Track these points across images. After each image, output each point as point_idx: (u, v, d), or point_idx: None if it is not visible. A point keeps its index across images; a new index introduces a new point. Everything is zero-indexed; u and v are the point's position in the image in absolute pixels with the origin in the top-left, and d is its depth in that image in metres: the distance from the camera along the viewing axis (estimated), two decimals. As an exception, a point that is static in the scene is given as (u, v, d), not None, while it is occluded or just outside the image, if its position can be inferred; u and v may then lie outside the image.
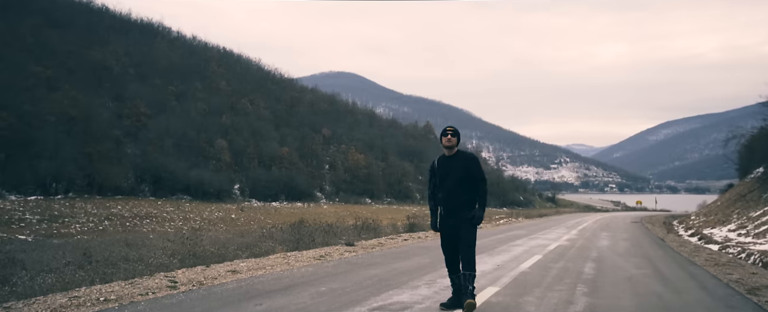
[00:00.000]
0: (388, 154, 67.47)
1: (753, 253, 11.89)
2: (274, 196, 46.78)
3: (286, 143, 56.97)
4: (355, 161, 60.14)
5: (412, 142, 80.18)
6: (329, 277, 6.08)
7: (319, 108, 76.53)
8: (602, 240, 13.20)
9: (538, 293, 5.15)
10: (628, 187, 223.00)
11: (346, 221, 25.74)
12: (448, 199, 4.29)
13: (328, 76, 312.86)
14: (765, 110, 32.92)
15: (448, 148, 4.35)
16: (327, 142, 64.68)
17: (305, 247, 10.93)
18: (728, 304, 4.91)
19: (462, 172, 4.27)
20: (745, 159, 40.63)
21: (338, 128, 70.40)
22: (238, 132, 53.34)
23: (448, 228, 4.34)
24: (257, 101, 64.11)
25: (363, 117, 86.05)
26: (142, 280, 5.79)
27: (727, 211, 26.55)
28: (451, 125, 4.48)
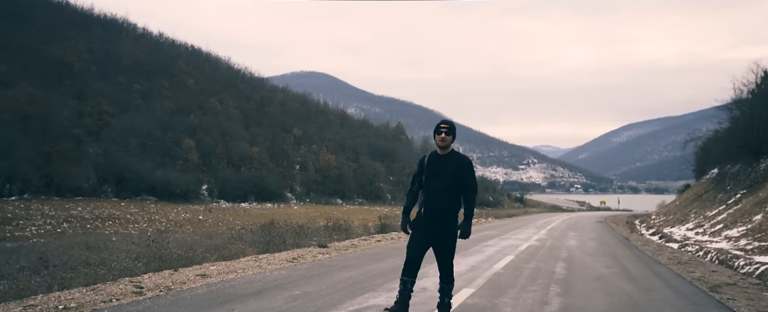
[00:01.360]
0: (360, 155, 67.32)
1: (710, 251, 12.38)
2: (243, 197, 45.97)
3: (256, 143, 56.10)
4: (327, 161, 59.76)
5: (384, 142, 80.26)
6: (303, 280, 5.96)
7: (290, 108, 75.75)
8: (571, 240, 13.48)
9: (512, 294, 5.19)
10: (592, 188, 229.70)
11: (317, 222, 25.52)
12: (433, 202, 3.89)
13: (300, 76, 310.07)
14: (720, 114, 34.43)
15: (442, 147, 3.97)
16: (298, 142, 64.05)
17: (276, 249, 10.73)
18: (693, 301, 5.06)
19: (453, 176, 3.87)
20: (701, 160, 42.42)
21: (309, 128, 69.83)
22: (207, 131, 52.20)
23: (427, 233, 3.94)
24: (226, 100, 62.91)
25: (334, 117, 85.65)
26: (105, 286, 5.53)
27: (685, 211, 27.61)
28: (447, 120, 4.02)
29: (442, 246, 3.95)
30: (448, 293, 4.06)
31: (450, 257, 4.00)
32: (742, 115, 27.81)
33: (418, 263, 3.97)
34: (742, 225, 16.29)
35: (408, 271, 3.98)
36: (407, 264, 3.97)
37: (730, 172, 29.31)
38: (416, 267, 3.97)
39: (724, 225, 17.75)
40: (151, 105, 51.41)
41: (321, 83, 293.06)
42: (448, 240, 3.93)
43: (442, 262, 4.01)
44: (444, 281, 4.07)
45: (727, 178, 28.61)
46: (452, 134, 3.95)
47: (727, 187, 25.59)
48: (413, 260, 3.95)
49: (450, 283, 4.05)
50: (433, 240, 3.94)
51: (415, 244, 3.96)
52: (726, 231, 16.56)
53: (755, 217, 16.32)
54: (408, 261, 3.96)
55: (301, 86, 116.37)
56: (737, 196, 21.79)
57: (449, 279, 4.04)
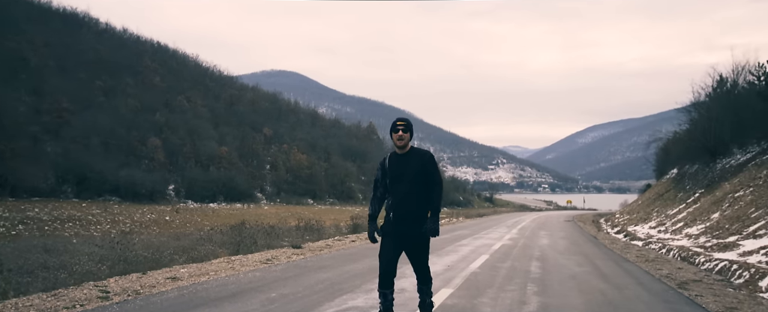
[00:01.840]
0: (331, 155, 66.95)
1: (672, 248, 12.81)
2: (211, 197, 45.00)
3: (225, 142, 55.02)
4: (297, 161, 59.17)
5: (356, 142, 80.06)
6: (279, 282, 5.82)
7: (260, 107, 74.65)
8: (542, 239, 13.71)
9: (491, 294, 5.20)
10: (559, 187, 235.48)
11: (288, 222, 25.22)
12: (401, 204, 3.66)
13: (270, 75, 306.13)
14: (680, 116, 35.82)
15: (400, 147, 3.72)
16: (268, 142, 63.17)
17: (247, 249, 10.51)
18: (664, 298, 5.19)
19: (418, 173, 3.67)
20: (662, 161, 44.08)
21: (280, 128, 68.99)
22: (174, 130, 50.85)
23: (397, 237, 3.70)
24: (194, 98, 61.48)
25: (305, 116, 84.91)
26: (67, 291, 5.24)
27: (648, 210, 28.57)
28: (403, 118, 3.79)
29: (415, 248, 3.75)
30: (428, 292, 3.93)
31: (424, 258, 3.82)
32: (700, 118, 28.99)
33: (393, 273, 3.79)
34: (701, 223, 16.94)
35: (385, 283, 3.77)
36: (383, 276, 3.75)
37: (688, 172, 30.51)
38: (392, 277, 3.78)
39: (685, 223, 18.43)
40: (114, 103, 49.69)
41: (292, 82, 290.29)
42: (420, 241, 3.74)
43: (417, 264, 3.83)
44: (422, 282, 3.91)
45: (686, 177, 29.76)
46: (410, 131, 3.73)
47: (687, 186, 26.62)
48: (388, 272, 3.74)
49: (428, 283, 3.90)
50: (404, 243, 3.73)
51: (387, 254, 3.74)
52: (686, 229, 17.20)
53: (713, 215, 17.01)
54: (383, 273, 3.75)
55: (272, 85, 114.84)
56: (696, 195, 22.68)
57: (426, 279, 3.89)
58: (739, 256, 10.47)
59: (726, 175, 22.01)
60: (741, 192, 17.54)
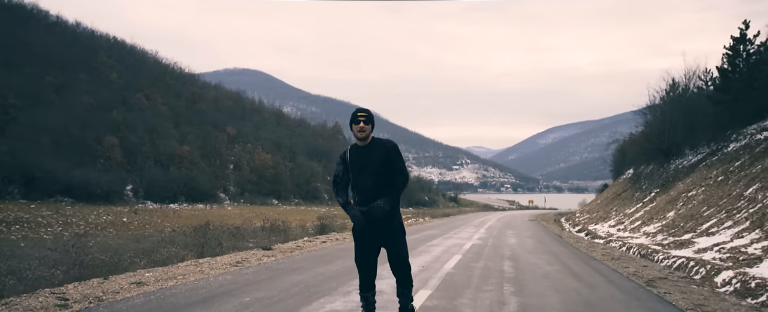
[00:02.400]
0: (296, 154, 66.20)
1: (632, 246, 13.27)
2: (172, 198, 43.63)
3: (187, 141, 53.47)
4: (262, 161, 58.17)
5: (321, 142, 79.47)
6: (251, 285, 5.62)
7: (223, 105, 72.97)
8: (510, 238, 13.91)
9: (470, 294, 5.18)
10: (521, 187, 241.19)
11: (253, 223, 24.72)
12: (367, 200, 3.44)
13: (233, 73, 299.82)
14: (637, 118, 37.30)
15: (361, 139, 3.51)
16: (231, 141, 61.82)
17: (212, 252, 10.19)
18: (636, 297, 5.31)
19: (381, 165, 3.44)
20: (618, 162, 45.80)
21: (244, 127, 67.65)
22: (132, 129, 48.98)
23: (373, 238, 3.51)
24: (154, 96, 59.44)
25: (270, 116, 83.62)
26: (20, 299, 4.87)
27: (607, 209, 29.57)
28: (363, 108, 3.59)
29: (392, 244, 3.51)
30: (408, 296, 3.66)
31: (404, 256, 3.56)
32: (654, 120, 30.28)
33: (374, 275, 3.63)
34: (657, 222, 17.64)
35: (365, 286, 3.62)
36: (363, 279, 3.61)
37: (644, 172, 31.80)
38: (372, 279, 3.62)
39: (642, 222, 19.15)
40: (67, 99, 47.36)
41: (255, 81, 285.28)
42: (397, 239, 3.52)
43: (396, 264, 3.57)
44: (402, 285, 3.63)
45: (642, 177, 31.00)
46: (371, 122, 3.52)
47: (643, 186, 27.71)
48: (368, 276, 3.60)
49: (408, 287, 3.64)
50: (380, 241, 3.53)
51: (364, 257, 3.56)
52: (644, 227, 17.87)
53: (668, 214, 17.74)
54: (363, 278, 3.61)
55: (235, 83, 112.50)
56: (652, 195, 23.62)
57: (407, 282, 3.62)
58: (695, 253, 10.93)
59: (679, 175, 23.03)
60: (694, 191, 18.37)
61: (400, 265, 3.57)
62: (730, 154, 19.71)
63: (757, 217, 11.62)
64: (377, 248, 3.58)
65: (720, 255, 10.07)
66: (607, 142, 46.07)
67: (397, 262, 3.57)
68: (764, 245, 9.64)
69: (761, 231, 10.69)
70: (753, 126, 20.58)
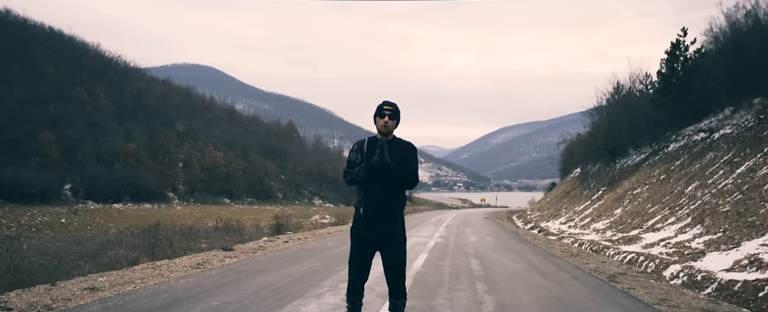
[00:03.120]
0: (249, 153, 64.67)
1: (584, 242, 13.79)
2: (116, 198, 41.48)
3: (133, 138, 50.99)
4: (213, 159, 56.39)
5: (275, 140, 78.03)
6: (217, 288, 5.35)
7: (172, 101, 70.11)
8: (470, 236, 14.11)
9: (445, 294, 5.15)
10: (473, 186, 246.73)
11: (205, 223, 23.89)
12: (374, 199, 3.26)
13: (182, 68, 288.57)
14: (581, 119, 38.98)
15: (383, 134, 3.32)
16: (181, 139, 59.55)
17: (163, 253, 9.73)
18: (603, 293, 5.46)
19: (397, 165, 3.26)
20: (566, 161, 47.73)
21: (194, 124, 65.31)
22: (71, 124, 46.12)
23: (372, 239, 3.30)
24: (96, 90, 56.27)
25: (222, 113, 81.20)
26: (-44, 310, 4.42)
27: (558, 207, 30.69)
28: (390, 102, 3.35)
29: (391, 251, 3.31)
30: (401, 310, 3.41)
31: (402, 264, 3.35)
32: (601, 121, 31.74)
33: (365, 279, 3.39)
34: (606, 218, 18.44)
35: (354, 290, 3.38)
36: (352, 283, 3.37)
37: (591, 171, 33.26)
38: (362, 283, 3.39)
39: (592, 219, 19.97)
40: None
41: (206, 77, 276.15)
42: (397, 243, 3.31)
43: (391, 272, 3.34)
44: (395, 296, 3.38)
45: (589, 176, 32.39)
46: (396, 118, 3.33)
47: (591, 184, 28.94)
48: (359, 279, 3.36)
49: (402, 298, 3.39)
50: (378, 244, 3.31)
51: (358, 258, 3.34)
52: (594, 224, 18.63)
53: (616, 211, 18.59)
54: (353, 279, 3.36)
55: (184, 79, 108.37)
56: (600, 193, 24.71)
57: (401, 293, 3.38)
58: (643, 248, 11.48)
59: (625, 174, 24.22)
60: (639, 189, 19.35)
61: (397, 275, 3.36)
62: (671, 154, 20.92)
63: (697, 213, 12.35)
64: (373, 252, 3.37)
65: (666, 250, 10.61)
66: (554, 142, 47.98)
67: (393, 271, 3.36)
68: (706, 240, 10.25)
69: (702, 226, 11.37)
70: (690, 127, 21.95)
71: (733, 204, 11.20)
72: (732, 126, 17.99)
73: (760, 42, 18.78)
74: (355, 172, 3.30)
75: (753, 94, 18.97)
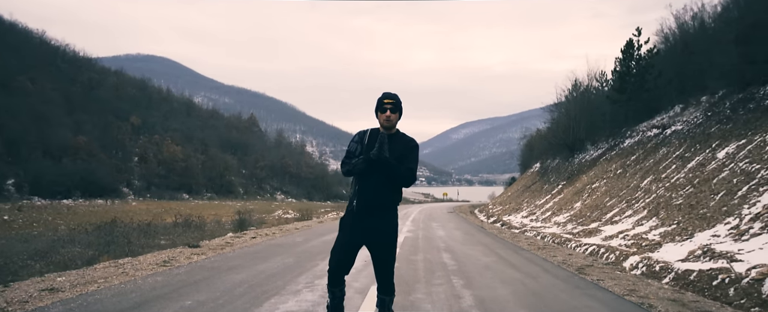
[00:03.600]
0: (209, 147, 62.95)
1: (546, 235, 14.19)
2: (65, 193, 39.47)
3: (83, 131, 48.59)
4: (171, 153, 54.56)
5: (236, 134, 76.31)
6: (188, 287, 5.14)
7: (126, 93, 67.19)
8: (437, 230, 14.24)
9: (423, 289, 5.14)
10: (435, 180, 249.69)
11: (164, 219, 23.10)
12: (369, 193, 3.18)
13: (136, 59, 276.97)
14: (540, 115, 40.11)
15: (386, 128, 3.25)
16: (136, 132, 57.22)
17: (121, 251, 9.34)
18: (576, 285, 5.60)
19: (396, 160, 3.18)
20: (526, 156, 49.01)
21: (150, 117, 62.85)
22: (13, 116, 43.37)
23: (362, 233, 3.23)
24: (41, 80, 53.10)
25: (180, 105, 78.50)
26: None
27: (519, 201, 31.46)
28: (391, 94, 3.27)
29: (380, 247, 3.24)
30: (389, 307, 3.38)
31: (391, 261, 3.30)
32: (560, 117, 32.73)
33: (346, 270, 3.29)
34: (566, 212, 19.03)
35: (334, 280, 3.28)
36: (333, 272, 3.27)
37: (551, 165, 34.26)
38: (343, 275, 3.31)
39: (553, 212, 20.58)
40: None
41: (162, 68, 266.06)
42: (387, 240, 3.25)
43: (381, 268, 3.29)
44: (383, 292, 3.35)
45: (549, 171, 33.36)
46: (399, 111, 3.26)
47: (551, 179, 29.82)
48: (340, 267, 3.25)
49: (390, 294, 3.35)
50: (367, 239, 3.23)
51: (343, 247, 3.26)
52: (555, 217, 19.21)
53: (576, 205, 19.22)
54: (333, 269, 3.26)
55: (139, 70, 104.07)
56: (559, 187, 25.49)
57: (389, 289, 3.34)
58: (603, 241, 11.90)
59: (583, 169, 25.07)
60: (597, 183, 20.07)
61: (386, 271, 3.31)
62: (627, 149, 21.81)
63: (653, 206, 12.92)
64: (359, 245, 3.29)
65: (625, 242, 11.05)
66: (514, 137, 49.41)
67: (382, 267, 3.30)
68: (661, 231, 10.73)
69: (657, 219, 11.90)
70: (644, 123, 22.95)
71: (686, 197, 11.79)
72: (682, 123, 18.92)
73: (706, 43, 19.81)
74: (353, 164, 3.24)
75: (701, 92, 20.02)
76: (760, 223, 8.15)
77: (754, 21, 15.67)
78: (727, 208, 9.39)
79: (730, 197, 9.72)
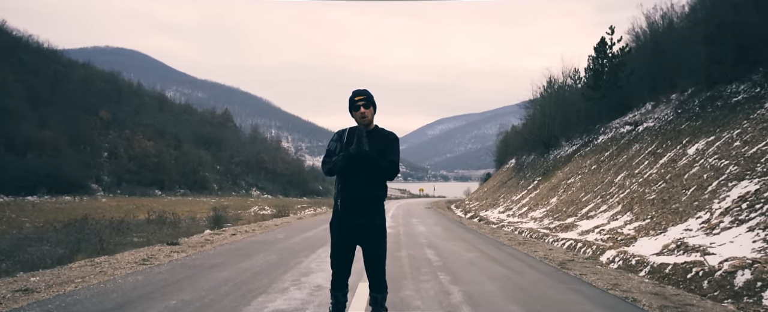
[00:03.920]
0: (182, 142, 61.66)
1: (523, 230, 14.41)
2: (30, 189, 38.12)
3: (49, 126, 46.92)
4: (143, 148, 53.25)
5: (210, 129, 74.98)
6: (171, 285, 5.01)
7: (95, 87, 65.10)
8: (418, 226, 14.29)
9: (411, 286, 5.13)
10: (411, 176, 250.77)
11: (136, 216, 22.56)
12: (354, 190, 3.15)
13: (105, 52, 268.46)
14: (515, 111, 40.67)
15: (364, 125, 3.21)
16: (106, 127, 55.60)
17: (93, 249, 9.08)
18: (559, 280, 5.68)
19: (378, 155, 3.14)
20: (502, 152, 49.67)
21: (120, 111, 61.13)
22: (-26, 109, 41.65)
23: (351, 232, 3.20)
24: (2, 72, 50.95)
25: (151, 100, 76.59)
26: None
27: (495, 196, 31.85)
28: (361, 91, 3.24)
29: (370, 244, 3.22)
30: (382, 304, 3.35)
31: (382, 257, 3.28)
32: (536, 113, 33.26)
33: (347, 273, 3.30)
34: (542, 207, 19.35)
35: (338, 284, 3.30)
36: (336, 277, 3.30)
37: (526, 161, 34.79)
38: (345, 278, 3.30)
39: (529, 207, 20.90)
40: None
41: (132, 62, 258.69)
42: (376, 236, 3.23)
43: (371, 265, 3.26)
44: (375, 289, 3.32)
45: (524, 166, 33.86)
46: (372, 106, 3.23)
47: (527, 174, 30.28)
48: (341, 273, 3.28)
49: (383, 292, 3.32)
50: (358, 237, 3.21)
51: (338, 252, 3.26)
52: (531, 213, 19.51)
53: (552, 200, 19.56)
54: (335, 274, 3.29)
55: (108, 63, 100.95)
56: (535, 182, 25.90)
57: (382, 286, 3.31)
58: (580, 235, 12.15)
59: (558, 165, 25.53)
60: (572, 179, 20.47)
61: (377, 268, 3.27)
62: (600, 146, 22.30)
63: (627, 201, 13.25)
64: (353, 245, 3.28)
65: (601, 236, 11.30)
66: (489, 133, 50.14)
67: (373, 264, 3.27)
68: (636, 226, 11.01)
69: (632, 214, 12.21)
70: (617, 120, 23.50)
71: (658, 192, 12.12)
72: (654, 119, 19.45)
73: (676, 42, 20.40)
74: (333, 162, 3.20)
75: (671, 90, 20.62)
76: (730, 217, 8.44)
77: (720, 22, 16.20)
78: (698, 203, 9.67)
79: (701, 192, 10.02)
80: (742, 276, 5.66)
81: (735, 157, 10.53)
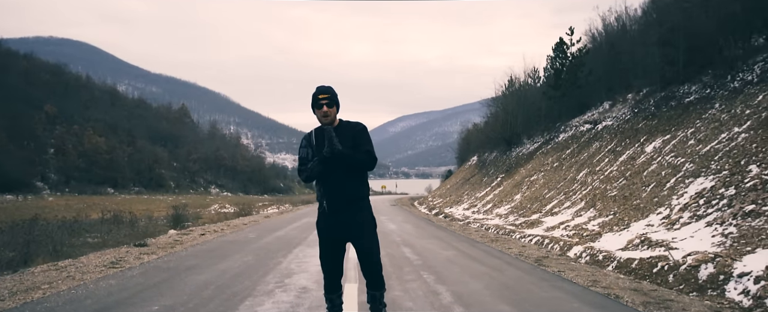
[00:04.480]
0: (136, 138, 59.23)
1: (490, 227, 14.67)
2: (-32, 189, 35.65)
3: (-11, 120, 43.96)
4: (93, 145, 50.77)
5: (166, 125, 72.42)
6: (149, 290, 4.76)
7: (39, 79, 61.48)
8: (388, 224, 14.27)
9: (397, 286, 5.09)
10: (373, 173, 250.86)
11: (88, 215, 21.49)
12: (334, 189, 3.08)
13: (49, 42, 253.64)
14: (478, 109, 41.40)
15: (326, 124, 3.13)
16: (52, 122, 52.59)
17: (45, 252, 8.58)
18: (541, 277, 5.78)
19: (350, 149, 3.08)
20: (463, 149, 50.46)
21: (68, 106, 57.95)
22: None
23: (337, 232, 3.12)
24: (-63, 61, 47.41)
25: (102, 94, 73.08)
26: None
27: (459, 193, 32.30)
28: (325, 88, 3.14)
29: (362, 240, 3.13)
30: (381, 301, 3.26)
31: (375, 253, 3.18)
32: (498, 111, 33.96)
33: (340, 274, 3.23)
34: (507, 204, 19.75)
35: (331, 287, 3.23)
36: (328, 280, 3.23)
37: (489, 159, 35.45)
38: (338, 280, 3.22)
39: (494, 204, 21.29)
40: None
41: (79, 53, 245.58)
42: (368, 231, 3.14)
43: (365, 262, 3.18)
44: (372, 287, 3.22)
45: (487, 164, 34.50)
46: (335, 104, 3.14)
47: (490, 171, 30.85)
48: (333, 275, 3.20)
49: (381, 288, 3.23)
50: (347, 236, 3.13)
51: (328, 254, 3.17)
52: (496, 209, 19.88)
53: (516, 197, 20.00)
54: (327, 276, 3.22)
55: (52, 54, 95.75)
56: (499, 180, 26.42)
57: (379, 283, 3.22)
58: (546, 231, 12.46)
59: (521, 162, 26.14)
60: (535, 176, 21.00)
61: (372, 264, 3.17)
62: (561, 143, 22.99)
63: (589, 198, 13.70)
64: (343, 245, 3.18)
65: (567, 232, 11.62)
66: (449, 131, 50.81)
67: (367, 260, 3.17)
68: (600, 222, 11.40)
69: (595, 210, 12.63)
70: (577, 119, 24.30)
71: (620, 189, 12.60)
72: (612, 118, 20.22)
73: (630, 44, 21.30)
74: (309, 169, 3.11)
75: (626, 90, 21.51)
76: (689, 212, 8.85)
77: (672, 25, 17.00)
78: (658, 199, 10.10)
79: (660, 189, 10.47)
80: (706, 270, 5.94)
81: (690, 155, 11.05)
